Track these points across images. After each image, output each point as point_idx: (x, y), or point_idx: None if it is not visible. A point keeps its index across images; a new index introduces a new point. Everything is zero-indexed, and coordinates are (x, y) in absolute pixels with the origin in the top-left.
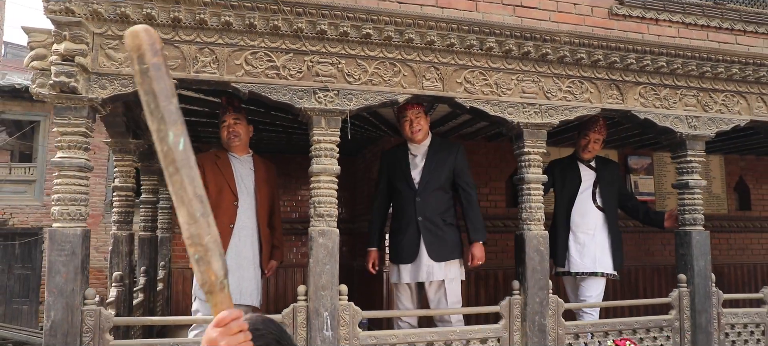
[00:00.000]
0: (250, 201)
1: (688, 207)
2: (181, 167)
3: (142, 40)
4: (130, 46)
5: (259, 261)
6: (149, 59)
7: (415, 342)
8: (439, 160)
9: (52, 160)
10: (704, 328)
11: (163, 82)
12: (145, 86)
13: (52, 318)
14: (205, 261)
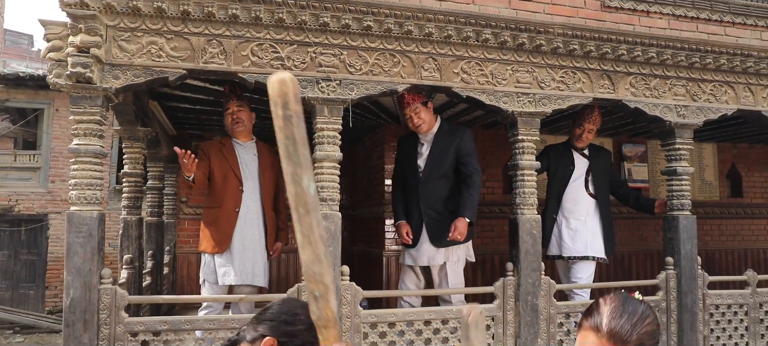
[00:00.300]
0: (254, 186)
1: (676, 193)
2: (311, 210)
3: (288, 88)
4: (277, 92)
5: (264, 243)
6: (293, 107)
7: (414, 320)
8: (443, 148)
9: (69, 147)
10: (690, 308)
11: (302, 129)
12: (287, 131)
13: (71, 296)
14: (325, 299)
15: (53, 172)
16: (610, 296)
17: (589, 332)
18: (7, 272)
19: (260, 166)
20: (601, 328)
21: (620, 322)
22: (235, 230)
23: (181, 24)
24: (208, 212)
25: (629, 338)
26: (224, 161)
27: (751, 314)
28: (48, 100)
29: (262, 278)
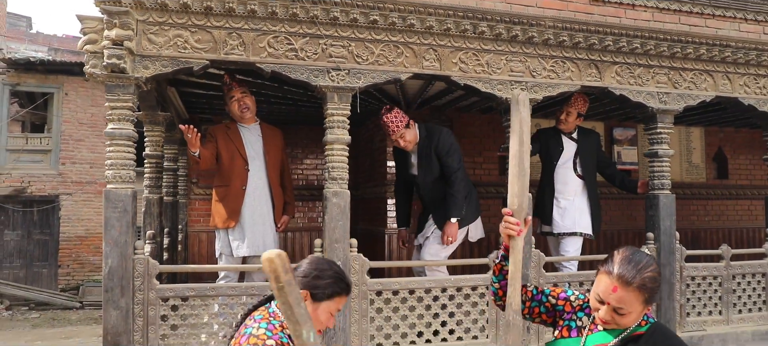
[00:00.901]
0: (260, 165)
1: (657, 173)
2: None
3: (276, 264)
4: (268, 269)
5: (272, 217)
6: (283, 278)
7: (415, 288)
8: (426, 154)
9: (105, 130)
10: (668, 279)
11: (294, 293)
12: (282, 298)
13: (109, 265)
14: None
15: (64, 154)
16: (623, 248)
17: (604, 276)
18: (21, 251)
19: (265, 146)
20: (612, 272)
21: (628, 267)
22: (244, 206)
23: (204, 18)
24: (217, 190)
25: (633, 280)
26: (230, 143)
27: (725, 285)
28: (57, 84)
29: (273, 249)
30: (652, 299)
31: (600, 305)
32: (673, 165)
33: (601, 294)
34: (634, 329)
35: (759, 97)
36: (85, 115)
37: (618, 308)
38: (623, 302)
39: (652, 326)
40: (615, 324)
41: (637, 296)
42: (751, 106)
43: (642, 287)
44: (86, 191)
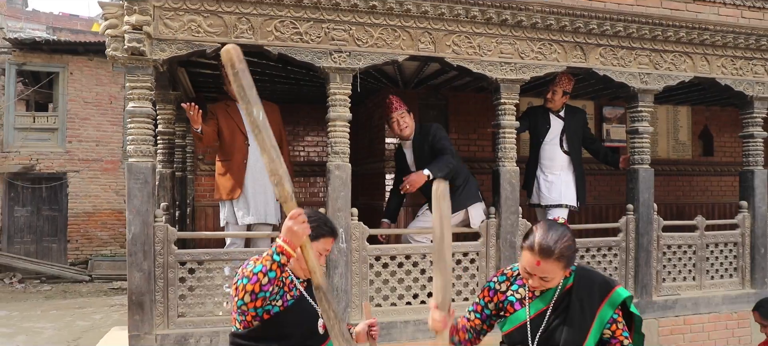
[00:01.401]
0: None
1: (637, 149)
2: (262, 129)
3: (232, 54)
4: (225, 59)
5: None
6: (237, 66)
7: (411, 254)
8: (420, 148)
9: (127, 109)
10: (645, 247)
11: (247, 78)
12: (237, 82)
13: (132, 231)
14: (281, 184)
15: (70, 133)
16: (540, 223)
17: (527, 252)
18: (31, 226)
19: None
20: (533, 246)
21: (546, 239)
22: (246, 178)
23: (216, 4)
24: (220, 165)
25: (553, 252)
26: (231, 120)
27: (699, 253)
28: (62, 63)
29: (274, 216)
30: (570, 263)
31: (529, 276)
32: (661, 143)
33: (527, 268)
34: (563, 285)
35: (735, 77)
36: (90, 94)
37: (543, 276)
38: (546, 271)
39: (575, 273)
40: (544, 288)
41: (558, 265)
42: (727, 86)
43: (560, 257)
44: (92, 169)
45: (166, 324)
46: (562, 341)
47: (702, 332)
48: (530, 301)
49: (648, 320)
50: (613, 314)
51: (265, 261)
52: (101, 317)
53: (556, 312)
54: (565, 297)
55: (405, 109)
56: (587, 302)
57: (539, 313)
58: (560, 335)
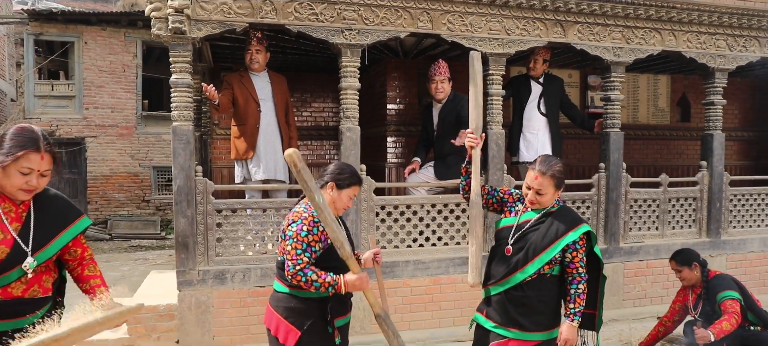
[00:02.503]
0: (270, 106)
1: (609, 114)
2: (323, 209)
3: (294, 158)
4: (289, 161)
5: (281, 149)
6: (299, 165)
7: (411, 204)
8: (448, 114)
9: (171, 80)
10: (614, 201)
11: (307, 173)
12: (300, 177)
13: (177, 184)
14: (342, 247)
15: (87, 100)
16: (542, 155)
17: (530, 171)
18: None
19: (273, 91)
20: (535, 167)
21: (544, 165)
22: (259, 140)
23: None
24: (235, 129)
25: (548, 171)
26: (244, 89)
27: (662, 207)
28: (77, 33)
29: (283, 174)
30: (560, 185)
31: (528, 191)
32: (641, 109)
33: (528, 182)
34: (549, 208)
35: (699, 50)
36: (105, 63)
37: (538, 190)
38: (542, 185)
39: (560, 206)
40: (538, 204)
41: (551, 182)
42: (692, 58)
43: (553, 176)
44: (109, 134)
45: (206, 262)
46: (530, 242)
47: (662, 274)
48: (524, 212)
49: (615, 264)
50: (577, 243)
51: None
52: (129, 269)
53: (536, 224)
54: (546, 217)
55: (446, 77)
56: (559, 225)
57: (525, 221)
58: (532, 238)
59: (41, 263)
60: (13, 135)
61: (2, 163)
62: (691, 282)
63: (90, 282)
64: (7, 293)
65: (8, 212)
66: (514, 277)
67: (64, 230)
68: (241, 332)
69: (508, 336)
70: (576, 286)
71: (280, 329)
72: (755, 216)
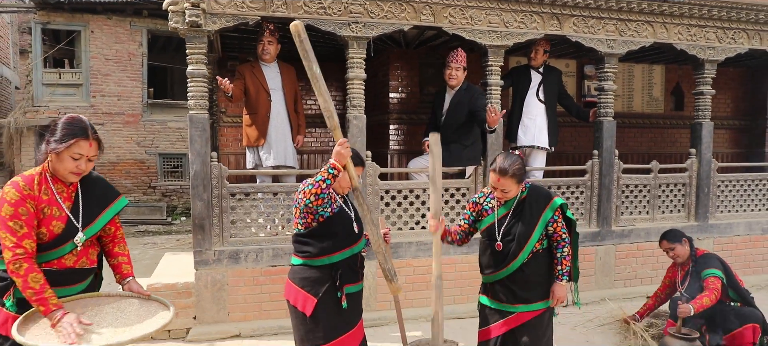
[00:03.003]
0: (279, 95)
1: (603, 104)
2: (319, 79)
3: (299, 28)
4: (293, 30)
5: (291, 136)
6: (302, 36)
7: (414, 189)
8: (459, 102)
9: (187, 70)
10: (607, 186)
11: (308, 44)
12: (301, 47)
13: (194, 169)
14: (332, 117)
15: (93, 88)
16: (500, 154)
17: (492, 173)
18: None
19: (282, 81)
20: (496, 168)
21: (503, 164)
22: (269, 128)
23: None
24: (247, 117)
25: (507, 172)
26: (255, 79)
27: (652, 192)
28: (83, 22)
29: (293, 160)
30: (521, 180)
31: (494, 189)
32: (636, 98)
33: (492, 184)
34: (520, 196)
35: (689, 42)
36: (111, 52)
37: (502, 189)
38: (504, 185)
39: (529, 188)
40: (505, 199)
41: (512, 180)
42: (682, 50)
43: (513, 175)
44: (115, 122)
45: (221, 243)
46: (517, 233)
47: (652, 256)
48: (498, 208)
49: (607, 246)
50: (554, 216)
51: (323, 174)
52: (139, 253)
53: (515, 215)
54: (521, 204)
55: (462, 66)
56: (535, 207)
57: (503, 216)
58: (516, 229)
59: (89, 238)
60: (65, 125)
61: (56, 149)
62: (684, 258)
63: (118, 259)
64: (62, 263)
65: (61, 192)
66: (511, 266)
67: (106, 208)
68: (255, 309)
69: (517, 311)
70: (561, 250)
71: (298, 299)
72: (741, 201)
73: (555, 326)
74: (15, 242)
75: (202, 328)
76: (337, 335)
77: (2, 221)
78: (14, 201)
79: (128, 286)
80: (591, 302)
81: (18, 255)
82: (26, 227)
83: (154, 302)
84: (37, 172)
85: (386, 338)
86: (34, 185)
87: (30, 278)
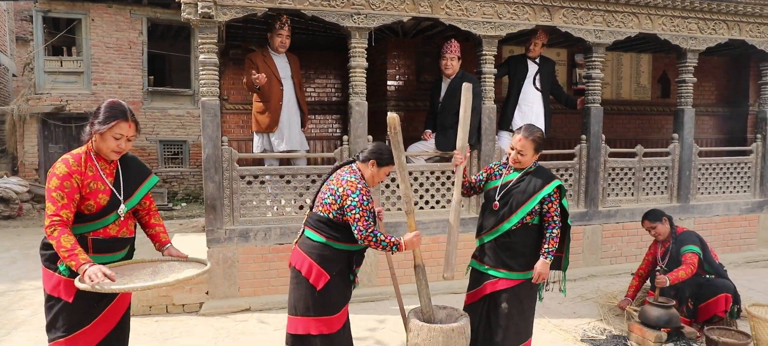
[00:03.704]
0: (290, 83)
1: (590, 91)
2: (404, 169)
3: (395, 121)
4: (390, 123)
5: (300, 122)
6: (397, 129)
7: (413, 171)
8: (454, 90)
9: (199, 59)
10: (594, 169)
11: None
12: (394, 140)
13: (206, 152)
14: (410, 207)
15: (95, 76)
16: (526, 123)
17: (516, 134)
18: None
19: (291, 70)
20: (520, 131)
21: (528, 131)
22: (282, 116)
23: None
24: (259, 104)
25: (530, 136)
26: (267, 68)
27: (637, 175)
28: (84, 10)
29: (304, 145)
30: (539, 149)
31: (512, 151)
32: (625, 86)
33: (513, 143)
34: (528, 169)
35: (673, 33)
36: (111, 40)
37: (520, 150)
38: (524, 147)
39: (537, 166)
40: (519, 164)
41: (531, 145)
42: (666, 40)
43: (534, 140)
44: None
45: (232, 222)
46: (513, 197)
47: (636, 235)
48: (507, 174)
49: (594, 226)
50: (551, 195)
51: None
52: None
53: (517, 183)
54: (526, 176)
55: (456, 56)
56: (537, 181)
57: (508, 181)
58: (514, 194)
59: (129, 210)
60: (107, 108)
61: (100, 130)
62: (664, 236)
63: (155, 229)
64: (107, 232)
65: (104, 169)
66: (501, 226)
67: (142, 183)
68: (263, 285)
69: (499, 276)
70: (551, 230)
71: (312, 272)
72: (721, 183)
73: (545, 301)
74: (54, 211)
75: (214, 302)
76: (338, 308)
77: (48, 192)
78: (62, 175)
79: (168, 251)
80: (579, 279)
81: (54, 221)
82: (67, 199)
83: (192, 262)
84: (83, 151)
85: (387, 310)
86: (82, 162)
87: (62, 238)
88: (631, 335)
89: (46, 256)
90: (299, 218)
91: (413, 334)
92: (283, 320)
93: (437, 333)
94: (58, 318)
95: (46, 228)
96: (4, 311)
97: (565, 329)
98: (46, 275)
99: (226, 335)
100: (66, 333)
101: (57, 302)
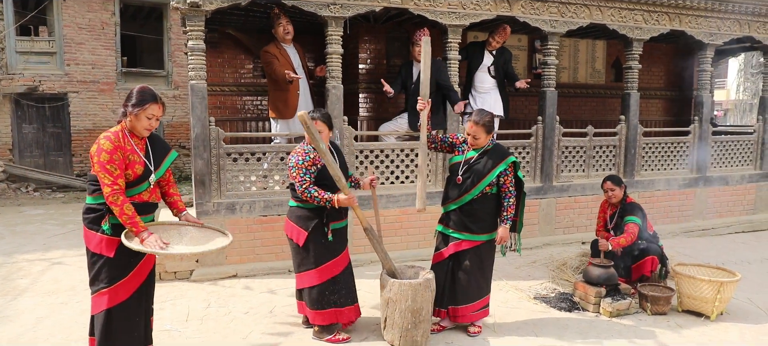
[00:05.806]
0: (301, 73)
1: (546, 76)
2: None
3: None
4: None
5: (312, 106)
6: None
7: (385, 149)
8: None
9: (188, 45)
10: (549, 148)
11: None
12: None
13: (195, 132)
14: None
15: (68, 56)
16: (477, 109)
17: (469, 122)
18: (39, 142)
19: (300, 59)
20: (471, 119)
21: (477, 117)
22: (299, 101)
23: None
24: (277, 93)
25: (480, 121)
26: (283, 59)
27: (588, 153)
28: None
29: None
30: (490, 130)
31: (468, 135)
32: (581, 70)
33: (467, 130)
34: (485, 147)
35: (621, 23)
36: (84, 20)
37: (473, 135)
38: (476, 132)
39: (494, 145)
40: (476, 145)
41: (482, 129)
42: (614, 30)
43: (484, 125)
44: (90, 90)
45: (219, 196)
46: (474, 171)
47: (587, 207)
48: (468, 151)
49: (548, 199)
50: (506, 170)
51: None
52: None
53: (478, 160)
54: (485, 153)
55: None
56: (494, 157)
57: (470, 158)
58: (475, 169)
59: (157, 179)
60: (139, 92)
61: (134, 112)
62: (618, 199)
63: (173, 198)
64: (141, 197)
65: (137, 144)
66: (464, 197)
67: (166, 157)
68: (249, 253)
69: (462, 238)
70: (508, 200)
71: (293, 232)
72: (662, 161)
73: (503, 266)
74: (112, 180)
75: (203, 269)
76: (323, 261)
77: (102, 165)
78: (110, 149)
79: (185, 217)
80: (534, 247)
81: (115, 190)
82: (118, 169)
83: (207, 229)
84: (119, 129)
85: (362, 275)
86: (120, 138)
87: (125, 206)
88: (576, 292)
89: (90, 219)
90: (281, 192)
91: (386, 289)
92: (267, 285)
93: (406, 288)
94: (102, 272)
95: (109, 196)
96: (5, 281)
97: (520, 289)
98: (88, 236)
99: (216, 298)
100: (109, 284)
101: (99, 258)
